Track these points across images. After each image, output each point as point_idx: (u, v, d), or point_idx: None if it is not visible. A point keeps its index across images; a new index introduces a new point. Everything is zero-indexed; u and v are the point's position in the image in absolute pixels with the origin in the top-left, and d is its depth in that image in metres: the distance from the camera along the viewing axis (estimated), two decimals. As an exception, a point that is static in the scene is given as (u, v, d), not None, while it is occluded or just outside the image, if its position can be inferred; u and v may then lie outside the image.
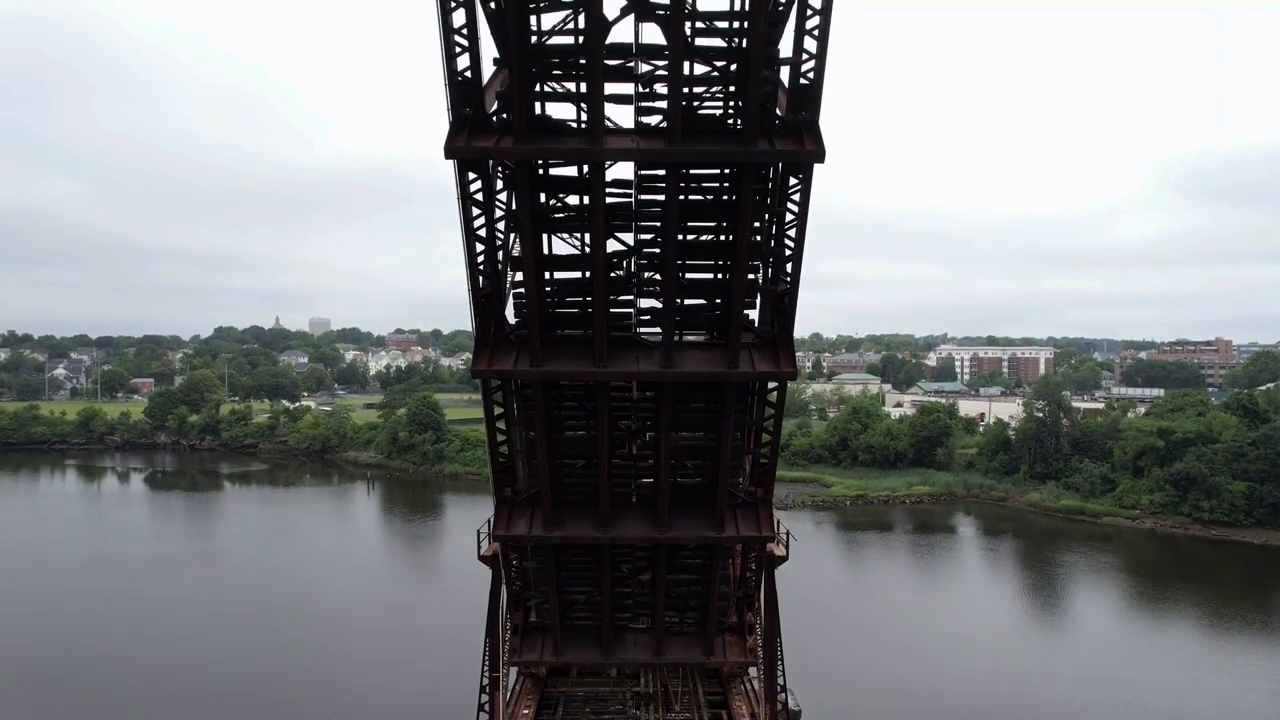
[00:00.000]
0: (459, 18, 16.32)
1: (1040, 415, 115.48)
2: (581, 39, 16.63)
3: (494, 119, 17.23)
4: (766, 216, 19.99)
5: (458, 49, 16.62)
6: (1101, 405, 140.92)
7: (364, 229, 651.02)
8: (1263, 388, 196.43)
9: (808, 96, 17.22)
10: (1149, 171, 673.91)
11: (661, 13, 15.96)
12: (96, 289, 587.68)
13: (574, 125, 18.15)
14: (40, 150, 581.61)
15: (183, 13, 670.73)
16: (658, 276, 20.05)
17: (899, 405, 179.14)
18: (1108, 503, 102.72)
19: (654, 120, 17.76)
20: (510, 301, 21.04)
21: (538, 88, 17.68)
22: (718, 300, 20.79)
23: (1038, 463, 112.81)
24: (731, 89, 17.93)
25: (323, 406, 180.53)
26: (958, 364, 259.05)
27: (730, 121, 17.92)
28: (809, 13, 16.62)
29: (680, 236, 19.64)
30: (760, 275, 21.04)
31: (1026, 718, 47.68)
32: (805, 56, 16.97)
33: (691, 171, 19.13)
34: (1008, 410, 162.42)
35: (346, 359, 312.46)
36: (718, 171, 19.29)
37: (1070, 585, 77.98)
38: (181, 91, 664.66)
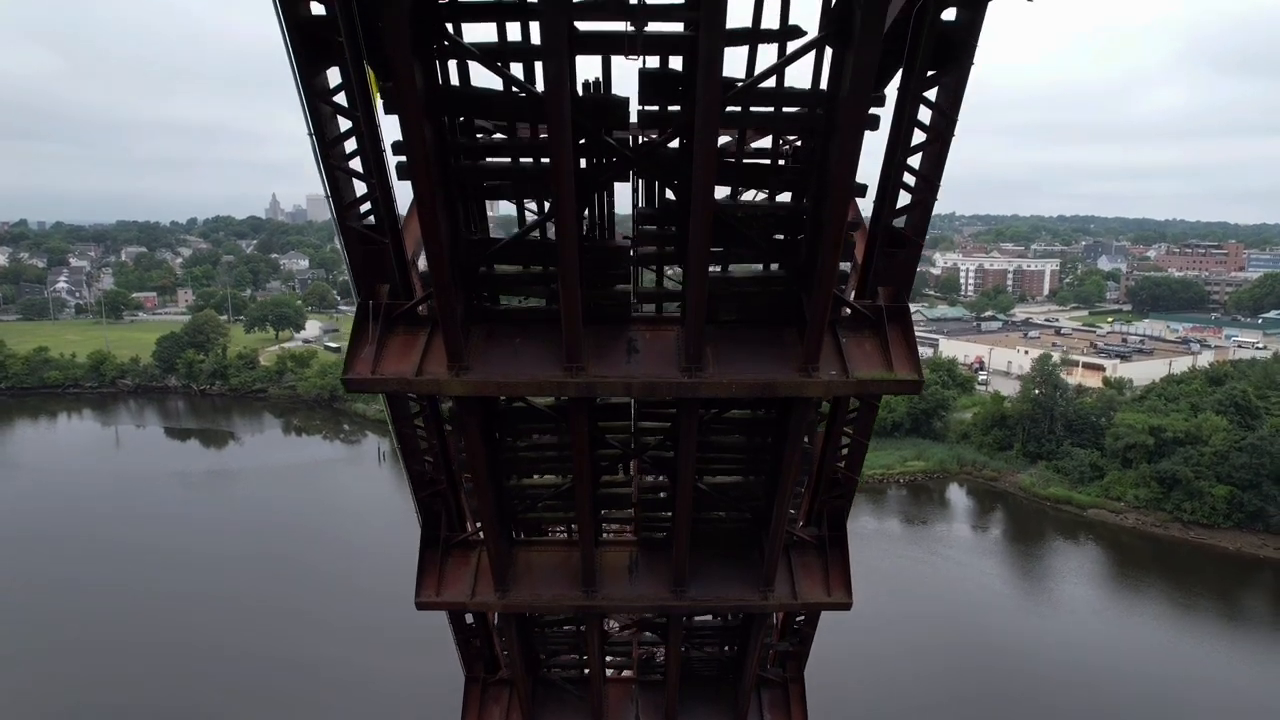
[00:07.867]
0: None
1: (1037, 394, 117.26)
2: None
3: None
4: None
5: None
6: (1101, 367, 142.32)
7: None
8: (1257, 350, 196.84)
9: None
10: (1179, 40, 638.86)
11: None
12: (83, 161, 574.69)
13: None
14: (11, 20, 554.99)
15: None
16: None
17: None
18: (1094, 492, 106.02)
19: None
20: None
21: None
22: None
23: (1030, 442, 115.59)
24: None
25: (328, 344, 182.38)
26: (962, 275, 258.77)
27: None
28: None
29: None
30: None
31: None
32: None
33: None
34: (1007, 356, 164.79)
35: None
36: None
37: (1045, 581, 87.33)
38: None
